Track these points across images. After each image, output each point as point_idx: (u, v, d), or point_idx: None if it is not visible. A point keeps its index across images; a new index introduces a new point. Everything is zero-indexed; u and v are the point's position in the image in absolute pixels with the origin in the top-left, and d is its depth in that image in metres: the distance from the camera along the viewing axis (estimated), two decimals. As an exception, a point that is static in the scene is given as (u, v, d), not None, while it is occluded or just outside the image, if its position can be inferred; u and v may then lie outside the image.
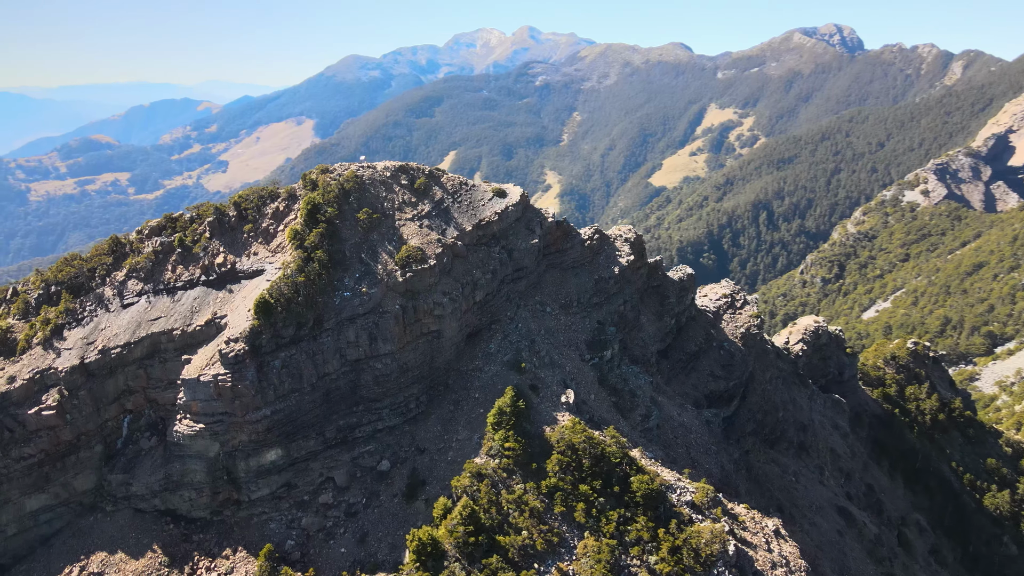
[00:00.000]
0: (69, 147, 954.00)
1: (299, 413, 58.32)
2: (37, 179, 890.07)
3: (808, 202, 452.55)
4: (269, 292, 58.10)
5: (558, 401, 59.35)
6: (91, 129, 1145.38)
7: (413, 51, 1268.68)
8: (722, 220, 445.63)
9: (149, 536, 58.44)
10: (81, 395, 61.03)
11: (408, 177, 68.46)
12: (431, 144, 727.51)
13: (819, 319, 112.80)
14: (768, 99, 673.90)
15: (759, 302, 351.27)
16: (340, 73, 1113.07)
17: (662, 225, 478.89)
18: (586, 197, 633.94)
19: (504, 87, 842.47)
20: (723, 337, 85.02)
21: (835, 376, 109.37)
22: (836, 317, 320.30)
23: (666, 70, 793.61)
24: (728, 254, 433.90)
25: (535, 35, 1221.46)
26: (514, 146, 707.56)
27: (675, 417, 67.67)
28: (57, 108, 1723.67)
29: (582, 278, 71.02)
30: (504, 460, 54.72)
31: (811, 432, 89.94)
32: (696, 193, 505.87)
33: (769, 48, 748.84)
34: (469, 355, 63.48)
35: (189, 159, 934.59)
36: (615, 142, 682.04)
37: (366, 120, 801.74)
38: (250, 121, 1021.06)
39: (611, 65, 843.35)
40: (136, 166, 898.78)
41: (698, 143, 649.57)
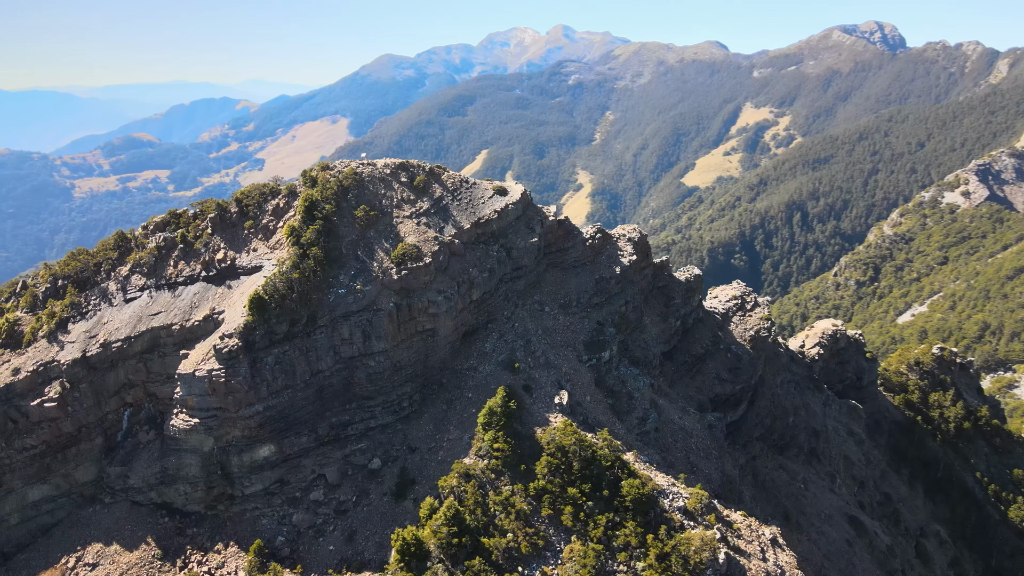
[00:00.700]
0: (112, 145, 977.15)
1: (292, 410, 58.41)
2: (81, 176, 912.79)
3: (844, 203, 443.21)
4: (264, 288, 58.28)
5: (552, 402, 58.57)
6: (133, 127, 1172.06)
7: (447, 50, 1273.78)
8: (755, 221, 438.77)
9: (144, 529, 59.05)
10: (82, 388, 62.00)
11: (408, 174, 68.18)
12: (463, 143, 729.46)
13: (837, 322, 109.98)
14: (805, 98, 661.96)
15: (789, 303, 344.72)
16: (375, 72, 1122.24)
17: (693, 225, 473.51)
18: (618, 197, 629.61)
19: (537, 86, 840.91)
20: (731, 340, 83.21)
21: (853, 381, 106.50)
22: (870, 321, 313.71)
23: (701, 69, 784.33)
24: (760, 255, 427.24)
25: (569, 34, 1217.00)
26: (546, 145, 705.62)
27: (676, 420, 66.31)
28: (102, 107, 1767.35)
29: (583, 278, 70.05)
30: (493, 461, 54.13)
31: (824, 438, 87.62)
32: (729, 193, 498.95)
33: (807, 46, 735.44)
34: (464, 354, 62.97)
35: (227, 157, 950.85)
36: (648, 141, 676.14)
37: (399, 119, 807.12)
38: (286, 120, 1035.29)
39: (645, 64, 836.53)
40: (176, 164, 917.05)
41: (732, 143, 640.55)
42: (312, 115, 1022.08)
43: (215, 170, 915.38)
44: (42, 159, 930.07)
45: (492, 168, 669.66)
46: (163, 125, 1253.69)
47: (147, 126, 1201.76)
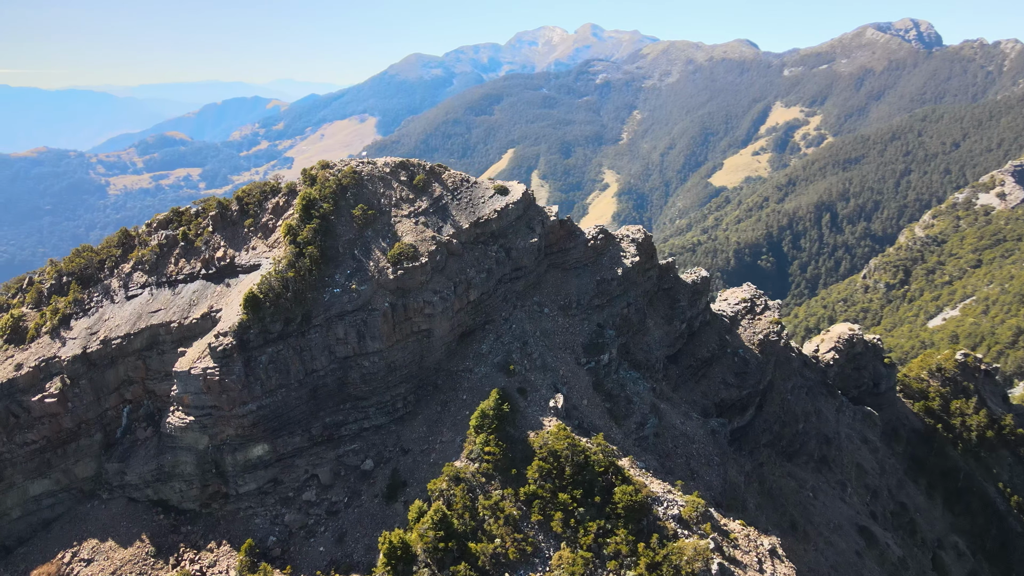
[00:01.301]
0: (146, 143, 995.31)
1: (285, 409, 58.19)
2: (116, 174, 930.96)
3: (875, 204, 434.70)
4: (259, 287, 58.14)
5: (546, 405, 57.60)
6: (167, 126, 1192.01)
7: (475, 49, 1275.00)
8: (782, 221, 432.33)
9: (139, 526, 59.26)
10: (82, 384, 62.44)
11: (408, 173, 67.64)
12: (489, 142, 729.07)
13: (854, 327, 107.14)
14: (837, 97, 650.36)
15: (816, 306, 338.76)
16: (403, 72, 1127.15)
17: (720, 226, 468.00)
18: (644, 197, 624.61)
19: (564, 85, 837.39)
20: (739, 343, 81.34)
21: (869, 387, 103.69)
22: (899, 324, 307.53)
23: (730, 67, 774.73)
24: (788, 257, 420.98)
25: (598, 33, 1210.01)
26: (572, 144, 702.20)
27: (677, 426, 64.89)
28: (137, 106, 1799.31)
29: (584, 279, 68.90)
30: (483, 464, 53.35)
31: (836, 446, 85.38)
32: (756, 194, 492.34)
33: (839, 44, 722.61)
34: (461, 355, 62.27)
35: (257, 155, 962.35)
36: (675, 141, 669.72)
37: (426, 118, 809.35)
38: (315, 119, 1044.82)
39: (673, 63, 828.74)
40: (207, 162, 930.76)
41: (761, 142, 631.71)
42: (341, 114, 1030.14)
43: (245, 168, 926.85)
44: (78, 157, 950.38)
45: (518, 167, 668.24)
46: (195, 124, 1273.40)
47: (180, 125, 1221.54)
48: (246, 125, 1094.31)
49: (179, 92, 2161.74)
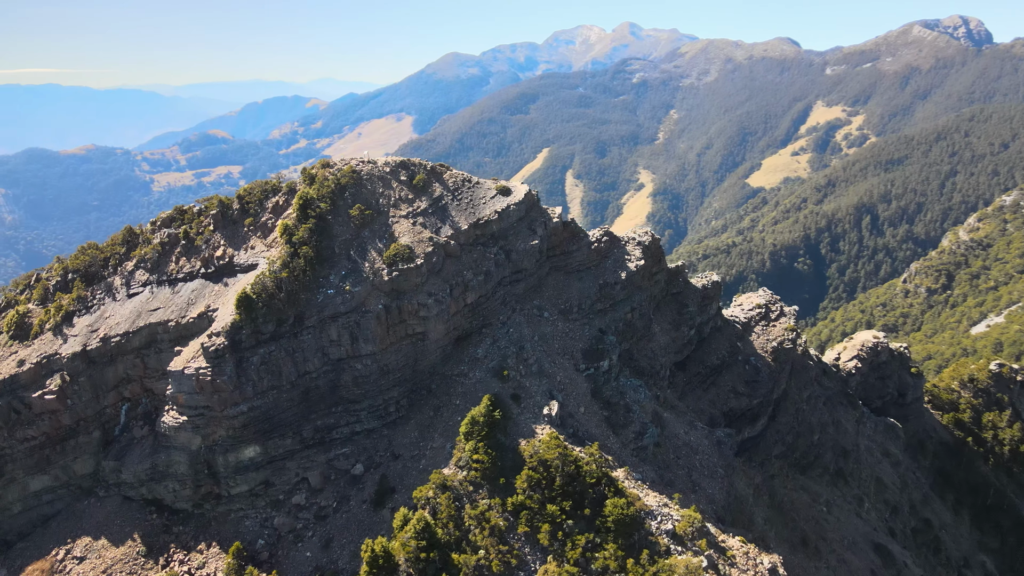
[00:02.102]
0: (189, 141, 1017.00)
1: (276, 411, 57.53)
2: (160, 171, 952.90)
3: (918, 206, 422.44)
4: (252, 287, 57.61)
5: (540, 413, 55.99)
6: (210, 124, 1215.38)
7: (512, 48, 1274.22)
8: (821, 223, 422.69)
9: (132, 525, 59.23)
10: (81, 381, 62.69)
11: (408, 173, 66.57)
12: (524, 141, 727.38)
13: (879, 334, 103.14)
14: (881, 96, 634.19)
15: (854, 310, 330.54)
16: (440, 71, 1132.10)
17: (756, 227, 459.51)
18: (679, 197, 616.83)
19: (600, 84, 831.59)
20: (751, 351, 78.59)
21: (894, 398, 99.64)
22: (940, 330, 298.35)
23: (770, 66, 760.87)
24: (826, 259, 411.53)
25: (636, 31, 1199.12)
26: (608, 144, 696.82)
27: (680, 436, 62.69)
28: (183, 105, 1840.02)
29: (586, 282, 67.00)
30: (472, 472, 51.99)
31: (854, 458, 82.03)
32: (794, 195, 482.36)
33: (884, 42, 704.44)
34: (456, 359, 60.96)
35: (295, 153, 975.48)
36: (712, 141, 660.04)
37: (461, 116, 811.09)
38: (353, 117, 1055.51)
39: (712, 61, 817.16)
40: (247, 160, 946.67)
41: (801, 142, 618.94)
42: (378, 112, 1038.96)
43: (284, 166, 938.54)
44: (124, 154, 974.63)
45: (553, 167, 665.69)
46: (237, 122, 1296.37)
47: (222, 123, 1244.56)
48: (286, 124, 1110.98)
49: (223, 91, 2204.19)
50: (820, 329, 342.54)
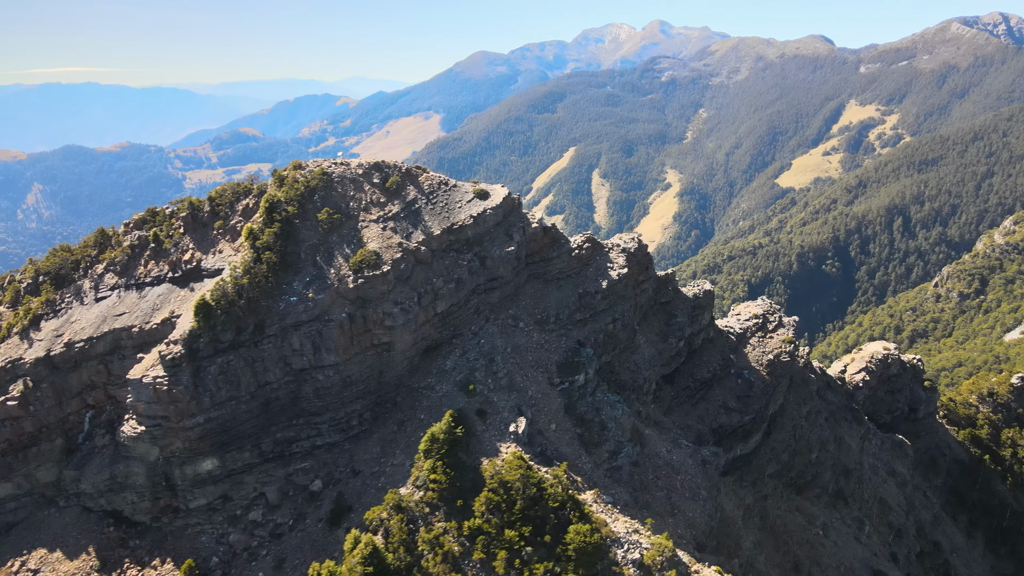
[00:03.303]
0: (220, 139, 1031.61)
1: (235, 422, 55.34)
2: (192, 168, 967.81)
3: (952, 208, 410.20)
4: (211, 294, 55.51)
5: (507, 430, 52.98)
6: (241, 122, 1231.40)
7: (541, 47, 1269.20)
8: (850, 225, 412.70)
9: (88, 537, 57.45)
10: (43, 387, 61.07)
11: (381, 175, 63.99)
12: (551, 140, 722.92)
13: (889, 345, 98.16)
14: (916, 95, 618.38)
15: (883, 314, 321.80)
16: (468, 69, 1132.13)
17: (784, 228, 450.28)
18: (707, 197, 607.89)
19: (628, 83, 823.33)
20: (744, 364, 74.68)
21: (905, 413, 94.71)
22: (972, 337, 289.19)
23: (802, 64, 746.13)
24: (855, 262, 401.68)
25: (666, 29, 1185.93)
26: (635, 143, 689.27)
27: (662, 455, 59.23)
28: (217, 103, 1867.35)
29: (565, 291, 63.76)
30: (429, 493, 49.20)
31: (856, 478, 77.68)
32: (824, 195, 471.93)
33: (921, 39, 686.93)
34: (424, 371, 58.21)
35: (324, 151, 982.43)
36: (742, 140, 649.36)
37: (488, 115, 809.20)
38: (381, 115, 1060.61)
39: (743, 60, 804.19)
40: (277, 157, 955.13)
41: (833, 142, 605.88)
42: (406, 111, 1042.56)
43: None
44: (158, 152, 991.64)
45: (579, 166, 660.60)
46: (268, 120, 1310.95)
47: (253, 121, 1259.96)
48: (315, 122, 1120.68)
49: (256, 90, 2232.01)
50: (847, 333, 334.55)
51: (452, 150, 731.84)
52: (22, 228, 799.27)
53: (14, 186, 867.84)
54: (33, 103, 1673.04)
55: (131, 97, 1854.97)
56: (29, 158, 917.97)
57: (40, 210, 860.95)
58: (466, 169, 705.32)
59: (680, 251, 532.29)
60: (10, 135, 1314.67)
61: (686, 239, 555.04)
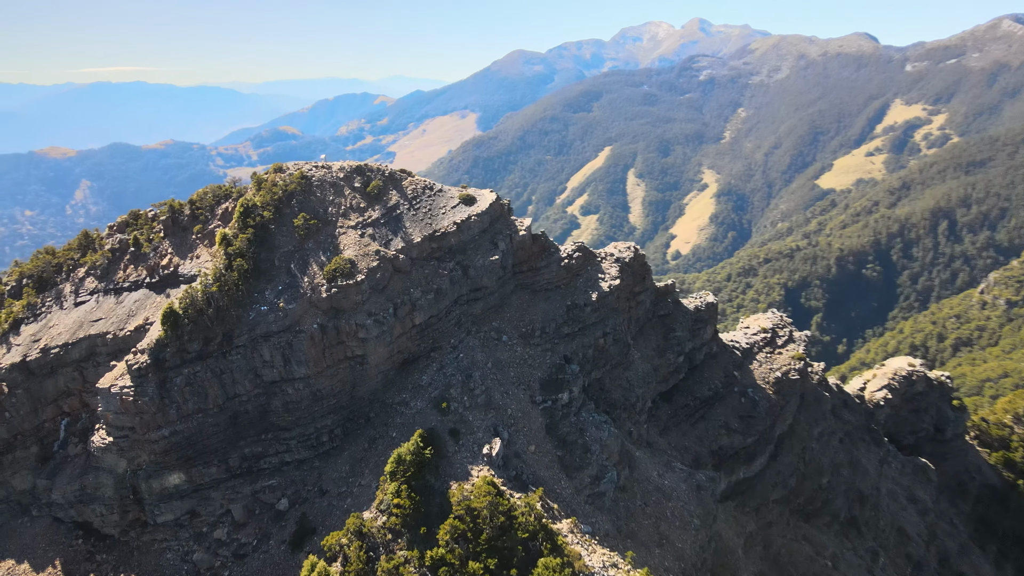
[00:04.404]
0: (261, 137, 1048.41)
1: (201, 436, 53.17)
2: (233, 165, 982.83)
3: (1001, 212, 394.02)
4: (180, 301, 53.45)
5: (481, 452, 49.85)
6: (282, 121, 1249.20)
7: (578, 46, 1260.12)
8: (892, 228, 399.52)
9: (55, 550, 55.96)
10: (18, 394, 59.91)
11: (363, 179, 61.31)
12: (586, 139, 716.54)
13: (915, 361, 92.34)
14: (965, 94, 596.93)
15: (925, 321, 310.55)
16: (505, 68, 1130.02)
17: (823, 231, 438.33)
18: (744, 198, 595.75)
19: (666, 82, 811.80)
20: (750, 381, 70.23)
21: (930, 434, 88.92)
22: (1020, 346, 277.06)
23: (846, 62, 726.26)
24: (897, 267, 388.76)
25: (705, 28, 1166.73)
26: (672, 143, 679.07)
27: (653, 479, 55.43)
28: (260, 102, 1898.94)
29: (553, 303, 60.22)
30: (391, 519, 46.27)
31: (872, 504, 72.63)
32: (865, 197, 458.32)
33: (971, 37, 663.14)
34: (399, 386, 55.32)
35: (361, 149, 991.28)
36: (781, 140, 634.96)
37: (524, 114, 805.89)
38: (418, 114, 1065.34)
39: (784, 58, 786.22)
40: (315, 155, 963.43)
41: (877, 142, 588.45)
42: (442, 110, 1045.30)
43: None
44: (200, 149, 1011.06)
45: (614, 165, 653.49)
46: (308, 119, 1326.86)
47: (293, 120, 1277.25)
48: (353, 120, 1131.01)
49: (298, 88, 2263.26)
50: (887, 340, 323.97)
51: (487, 149, 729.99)
52: (71, 223, 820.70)
53: (63, 182, 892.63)
54: (84, 102, 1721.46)
55: (177, 96, 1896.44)
56: (78, 155, 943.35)
57: (88, 206, 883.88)
58: (501, 168, 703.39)
59: (716, 253, 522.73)
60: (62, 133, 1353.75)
61: (722, 241, 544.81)
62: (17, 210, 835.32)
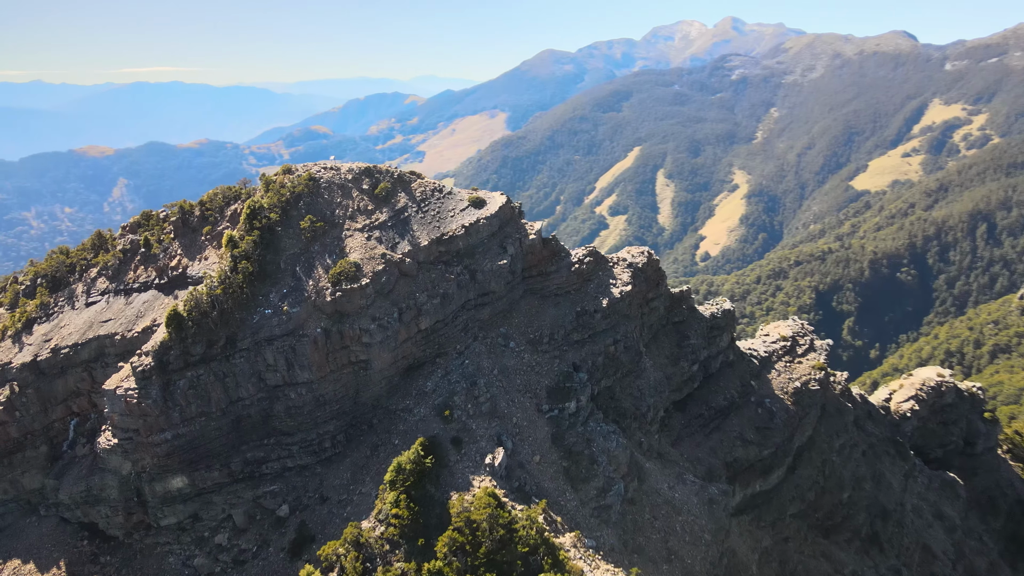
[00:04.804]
0: (292, 136, 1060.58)
1: (204, 440, 52.75)
2: (265, 164, 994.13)
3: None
4: (185, 303, 53.11)
5: (483, 461, 48.66)
6: (313, 120, 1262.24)
7: (608, 45, 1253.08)
8: (929, 231, 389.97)
9: (60, 550, 56.03)
10: (29, 393, 60.17)
11: (371, 181, 60.46)
12: (616, 139, 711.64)
13: (944, 372, 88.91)
14: (1007, 94, 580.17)
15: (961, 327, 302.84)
16: (535, 68, 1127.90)
17: (856, 233, 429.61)
18: (776, 199, 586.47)
19: (697, 81, 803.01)
20: (767, 391, 67.98)
21: (960, 447, 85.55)
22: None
23: (882, 61, 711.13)
24: (933, 270, 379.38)
25: (738, 26, 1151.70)
26: (702, 143, 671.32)
27: (663, 492, 53.71)
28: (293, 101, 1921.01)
29: (563, 309, 58.73)
30: (390, 529, 45.29)
31: (895, 520, 69.89)
32: (901, 199, 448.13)
33: (1013, 35, 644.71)
34: (403, 392, 54.34)
35: (391, 149, 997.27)
36: (815, 140, 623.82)
37: (553, 114, 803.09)
38: (448, 114, 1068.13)
39: (818, 57, 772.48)
40: (345, 155, 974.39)
41: (914, 143, 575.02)
42: (472, 109, 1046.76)
43: (379, 161, 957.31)
44: (234, 148, 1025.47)
45: (644, 166, 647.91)
46: (339, 118, 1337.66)
47: (324, 119, 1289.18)
48: (383, 120, 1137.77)
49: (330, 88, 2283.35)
50: (921, 345, 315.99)
51: (516, 149, 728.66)
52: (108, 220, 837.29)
53: (102, 180, 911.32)
54: (123, 101, 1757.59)
55: (213, 95, 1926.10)
56: (116, 154, 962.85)
57: (125, 203, 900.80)
58: (529, 168, 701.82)
59: (746, 254, 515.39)
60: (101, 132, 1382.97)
61: (752, 242, 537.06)
62: (57, 207, 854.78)
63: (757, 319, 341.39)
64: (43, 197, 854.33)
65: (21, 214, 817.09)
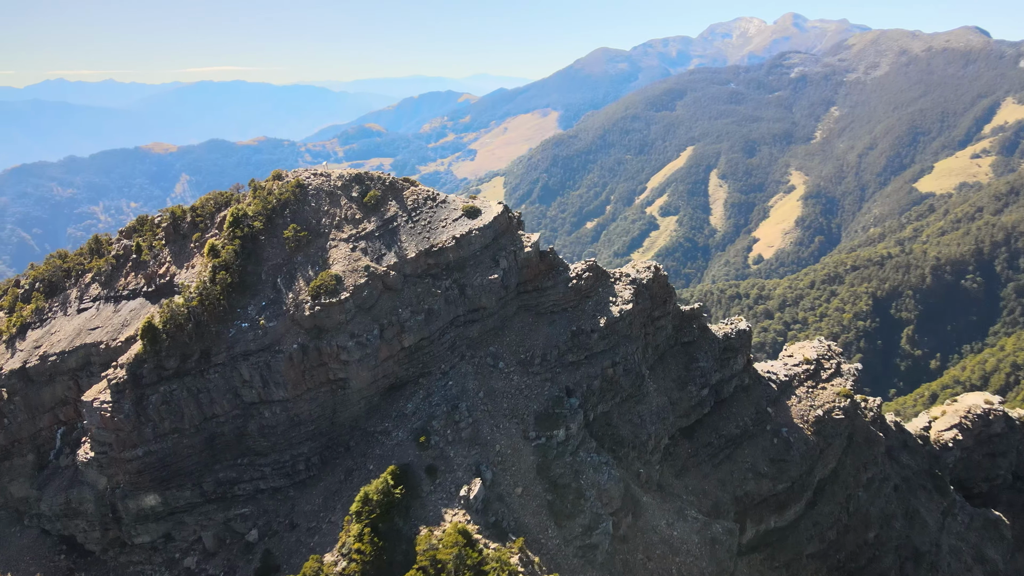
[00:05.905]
0: (347, 134, 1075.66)
1: (176, 457, 50.67)
2: (319, 162, 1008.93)
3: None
4: (161, 315, 51.13)
5: (458, 493, 45.22)
6: (368, 118, 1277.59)
7: (664, 43, 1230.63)
8: (998, 236, 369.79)
9: (39, 564, 54.91)
10: (16, 400, 59.26)
11: (360, 189, 57.52)
12: (668, 138, 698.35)
13: (992, 398, 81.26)
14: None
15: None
16: (588, 66, 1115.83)
17: (919, 238, 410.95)
18: (834, 201, 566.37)
19: (754, 79, 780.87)
20: (785, 419, 62.51)
21: (1008, 482, 78.11)
22: None
23: (952, 58, 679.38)
24: (1001, 278, 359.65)
25: (799, 23, 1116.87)
26: (758, 143, 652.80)
27: (660, 529, 49.35)
28: (350, 99, 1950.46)
29: (557, 328, 54.70)
30: (351, 565, 42.28)
31: (929, 563, 63.63)
32: (968, 203, 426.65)
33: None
34: (383, 413, 51.28)
35: (443, 147, 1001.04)
36: (877, 141, 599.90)
37: (605, 113, 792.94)
38: (500, 112, 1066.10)
39: (883, 54, 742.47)
40: (398, 152, 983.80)
41: (984, 144, 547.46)
42: (524, 108, 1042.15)
43: (432, 159, 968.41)
44: (290, 146, 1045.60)
45: (696, 166, 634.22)
46: (393, 116, 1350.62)
47: (379, 117, 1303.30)
48: (436, 118, 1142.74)
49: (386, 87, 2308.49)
50: (985, 357, 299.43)
51: (567, 148, 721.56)
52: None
53: (165, 176, 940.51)
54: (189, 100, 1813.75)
55: (273, 94, 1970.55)
56: (179, 150, 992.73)
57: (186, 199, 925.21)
58: (580, 167, 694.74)
59: (801, 258, 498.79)
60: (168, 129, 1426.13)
61: (808, 245, 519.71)
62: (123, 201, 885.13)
63: (810, 325, 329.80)
64: (111, 192, 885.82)
65: (90, 208, 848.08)
